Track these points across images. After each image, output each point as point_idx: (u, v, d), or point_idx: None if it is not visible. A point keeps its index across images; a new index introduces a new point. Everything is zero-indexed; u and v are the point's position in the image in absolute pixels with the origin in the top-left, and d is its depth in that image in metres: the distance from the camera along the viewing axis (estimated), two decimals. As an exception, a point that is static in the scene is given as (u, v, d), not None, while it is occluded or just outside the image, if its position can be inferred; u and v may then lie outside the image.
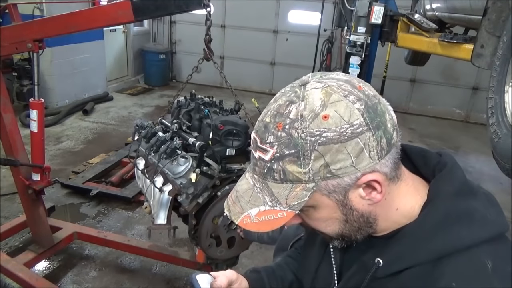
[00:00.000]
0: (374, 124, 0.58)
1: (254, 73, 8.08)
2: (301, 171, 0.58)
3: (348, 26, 4.22)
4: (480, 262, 0.59)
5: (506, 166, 1.98)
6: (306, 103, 0.59)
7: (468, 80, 7.03)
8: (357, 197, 0.63)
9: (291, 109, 0.59)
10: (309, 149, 0.57)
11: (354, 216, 0.65)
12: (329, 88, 0.59)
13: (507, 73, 2.10)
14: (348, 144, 0.57)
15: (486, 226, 0.62)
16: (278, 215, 0.62)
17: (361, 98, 0.59)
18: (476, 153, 5.65)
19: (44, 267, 2.83)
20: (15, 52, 2.25)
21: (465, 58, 2.85)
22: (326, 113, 0.57)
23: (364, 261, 0.70)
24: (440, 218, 0.62)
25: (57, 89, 5.99)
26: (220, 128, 1.88)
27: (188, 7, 1.79)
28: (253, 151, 0.64)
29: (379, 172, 0.60)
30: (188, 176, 1.82)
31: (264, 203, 0.63)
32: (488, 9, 2.40)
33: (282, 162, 0.59)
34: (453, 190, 0.64)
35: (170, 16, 7.67)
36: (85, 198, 3.69)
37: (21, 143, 2.45)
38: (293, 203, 0.61)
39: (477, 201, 0.64)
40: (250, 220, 0.64)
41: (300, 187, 0.60)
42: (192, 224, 1.89)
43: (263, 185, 0.63)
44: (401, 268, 0.63)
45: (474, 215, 0.62)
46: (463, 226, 0.61)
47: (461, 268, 0.59)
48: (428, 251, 0.61)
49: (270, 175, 0.61)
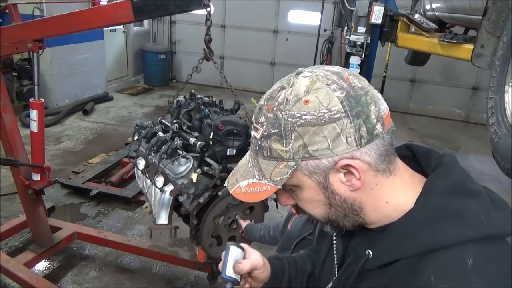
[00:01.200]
0: (353, 113, 0.62)
1: (254, 73, 8.08)
2: (283, 149, 0.64)
3: (348, 26, 4.23)
4: (461, 259, 0.60)
5: (506, 166, 1.98)
6: (293, 89, 0.65)
7: (468, 80, 7.03)
8: (338, 181, 0.66)
9: (280, 93, 0.66)
10: (290, 129, 0.63)
11: (336, 200, 0.68)
12: (315, 77, 0.65)
13: (507, 73, 2.10)
14: (325, 127, 0.62)
15: (476, 226, 0.62)
16: (263, 188, 0.69)
17: (343, 87, 0.63)
18: (476, 153, 5.65)
19: (44, 267, 2.83)
20: (15, 52, 2.25)
21: (465, 58, 2.85)
22: (307, 98, 0.63)
23: (357, 253, 0.73)
24: (429, 214, 0.64)
25: (57, 89, 6.00)
26: (220, 128, 1.88)
27: (188, 7, 1.79)
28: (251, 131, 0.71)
29: (359, 159, 0.64)
30: (189, 176, 1.82)
31: (253, 176, 0.70)
32: (488, 9, 2.40)
33: (269, 140, 0.65)
34: (445, 187, 0.65)
35: (170, 16, 7.67)
36: (85, 198, 3.69)
37: (21, 143, 2.45)
38: (276, 178, 0.67)
39: (474, 201, 0.64)
40: (240, 191, 0.71)
41: (283, 164, 0.66)
42: (193, 224, 1.89)
43: (255, 160, 0.70)
44: (389, 260, 0.65)
45: (465, 214, 0.62)
46: (451, 224, 0.62)
47: (442, 264, 0.60)
48: (415, 245, 0.63)
49: (260, 152, 0.68)
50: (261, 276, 0.90)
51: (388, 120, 0.66)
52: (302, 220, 1.53)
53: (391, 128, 0.66)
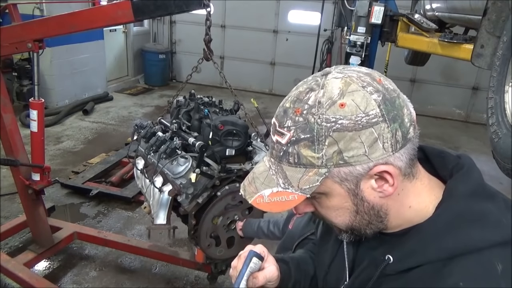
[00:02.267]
0: (390, 116, 0.59)
1: (254, 73, 8.08)
2: (315, 155, 0.60)
3: (348, 26, 4.22)
4: (490, 264, 0.58)
5: (506, 166, 1.98)
6: (325, 91, 0.60)
7: (468, 80, 7.02)
8: (368, 188, 0.63)
9: (310, 95, 0.61)
10: (324, 135, 0.59)
11: (364, 207, 0.65)
12: (349, 78, 0.61)
13: (507, 73, 2.10)
14: (362, 133, 0.58)
15: (500, 229, 0.61)
16: (290, 197, 0.64)
17: (379, 90, 0.60)
18: (476, 153, 5.64)
19: (44, 267, 2.83)
20: (15, 52, 2.25)
21: (465, 58, 2.85)
22: (343, 101, 0.59)
23: (375, 257, 0.70)
24: (453, 218, 0.62)
25: (57, 89, 6.00)
26: (220, 128, 1.88)
27: (188, 7, 1.79)
28: (272, 135, 0.66)
29: (393, 165, 0.61)
30: (188, 176, 1.82)
31: (277, 184, 0.64)
32: (488, 9, 2.40)
33: (298, 146, 0.61)
34: (468, 191, 0.64)
35: (170, 16, 7.67)
36: (85, 198, 3.69)
37: (21, 143, 2.45)
38: (304, 186, 0.62)
39: (493, 204, 0.63)
40: (263, 200, 0.66)
41: (312, 171, 0.61)
42: (192, 224, 1.89)
43: (278, 167, 0.65)
44: (411, 265, 0.63)
45: (489, 218, 0.61)
46: (476, 228, 0.60)
47: (470, 269, 0.59)
48: (439, 250, 0.61)
49: (285, 158, 0.63)
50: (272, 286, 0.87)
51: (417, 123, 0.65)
52: (304, 220, 1.52)
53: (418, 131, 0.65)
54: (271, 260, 0.85)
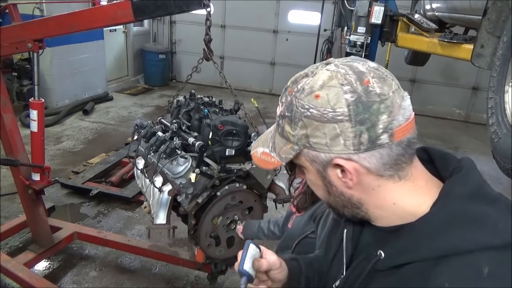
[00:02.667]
0: (358, 118, 0.62)
1: (254, 73, 8.08)
2: (292, 133, 0.69)
3: (348, 26, 4.23)
4: (477, 266, 0.58)
5: (506, 166, 1.98)
6: (312, 80, 0.67)
7: (468, 80, 7.03)
8: (334, 175, 0.69)
9: (302, 80, 0.68)
10: (298, 118, 0.67)
11: (334, 191, 0.72)
12: (335, 73, 0.65)
13: (507, 73, 2.10)
14: (326, 126, 0.64)
15: (494, 233, 0.60)
16: (272, 160, 0.74)
17: (356, 91, 0.62)
18: (476, 153, 5.64)
19: (44, 267, 2.83)
20: (15, 52, 2.25)
21: (465, 58, 2.85)
22: (318, 93, 0.64)
23: (369, 252, 0.73)
24: (447, 218, 0.63)
25: (57, 89, 6.00)
26: (219, 128, 1.88)
27: (188, 7, 1.79)
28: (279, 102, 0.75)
29: (357, 163, 0.65)
30: (188, 176, 1.82)
31: (268, 146, 0.75)
32: (488, 9, 2.40)
33: (283, 120, 0.70)
34: (465, 192, 0.64)
35: (170, 16, 7.67)
36: (85, 198, 3.69)
37: (21, 143, 2.45)
38: (282, 155, 0.72)
39: (493, 208, 0.63)
40: (256, 155, 0.78)
41: (289, 145, 0.70)
42: (192, 224, 1.89)
43: (274, 133, 0.75)
44: (402, 262, 0.65)
45: (484, 221, 0.61)
46: (469, 230, 0.61)
47: (457, 270, 0.59)
48: (430, 248, 0.62)
49: (278, 128, 0.73)
50: (278, 276, 0.90)
51: (402, 132, 0.64)
52: (304, 219, 1.51)
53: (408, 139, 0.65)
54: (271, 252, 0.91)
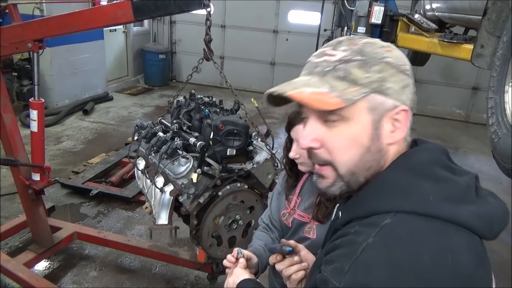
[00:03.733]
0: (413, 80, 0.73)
1: (254, 73, 8.08)
2: (363, 75, 0.68)
3: (348, 26, 4.23)
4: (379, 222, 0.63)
5: (506, 166, 1.98)
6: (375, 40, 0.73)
7: (468, 80, 7.03)
8: (386, 126, 0.70)
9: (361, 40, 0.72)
10: (375, 62, 0.68)
11: (375, 147, 0.70)
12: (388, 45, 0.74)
13: (507, 73, 2.10)
14: (400, 75, 0.70)
15: (417, 202, 0.63)
16: (330, 100, 0.65)
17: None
18: (476, 153, 5.65)
19: (44, 267, 2.83)
20: (15, 52, 2.25)
21: (465, 58, 2.85)
22: (389, 49, 0.72)
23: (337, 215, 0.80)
24: (381, 186, 0.68)
25: (57, 89, 5.99)
26: (221, 128, 1.88)
27: (188, 7, 1.79)
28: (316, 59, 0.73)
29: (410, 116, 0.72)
30: (189, 176, 1.82)
31: (319, 87, 0.67)
32: (488, 9, 2.40)
33: (349, 64, 0.68)
34: (404, 165, 0.69)
35: (170, 16, 7.67)
36: (85, 198, 3.69)
37: (21, 143, 2.45)
38: (346, 96, 0.66)
39: (430, 184, 0.65)
40: (302, 95, 0.67)
41: (355, 88, 0.67)
42: (194, 224, 1.89)
43: (321, 79, 0.69)
44: (346, 220, 0.72)
45: (412, 191, 0.64)
46: (395, 196, 0.65)
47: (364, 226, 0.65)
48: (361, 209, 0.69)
49: (332, 73, 0.69)
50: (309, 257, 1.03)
51: None
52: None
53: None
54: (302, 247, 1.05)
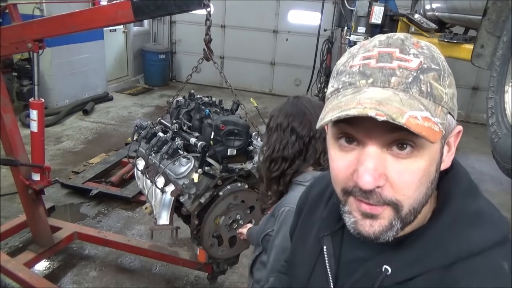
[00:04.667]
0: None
1: (254, 73, 8.07)
2: (443, 90, 0.52)
3: (348, 26, 4.23)
4: (496, 264, 0.55)
5: (506, 166, 1.98)
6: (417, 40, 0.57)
7: (468, 80, 7.02)
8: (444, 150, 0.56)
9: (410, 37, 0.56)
10: (447, 72, 0.53)
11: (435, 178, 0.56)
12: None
13: (507, 73, 2.10)
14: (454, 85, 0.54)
15: (495, 227, 0.58)
16: (435, 128, 0.49)
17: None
18: (476, 153, 5.64)
19: (44, 267, 2.83)
20: (15, 52, 2.25)
21: (465, 58, 2.85)
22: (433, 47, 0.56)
23: (369, 270, 0.63)
24: (453, 221, 0.58)
25: (57, 89, 5.99)
26: (221, 128, 1.88)
27: (188, 7, 1.79)
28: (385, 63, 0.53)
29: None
30: (190, 176, 1.82)
31: (422, 110, 0.49)
32: (488, 9, 2.40)
33: (427, 75, 0.51)
34: (462, 190, 0.61)
35: (170, 16, 7.67)
36: (85, 198, 3.69)
37: (21, 143, 2.45)
38: (442, 121, 0.50)
39: (482, 200, 0.61)
40: (418, 122, 0.48)
41: (440, 107, 0.51)
42: (195, 224, 1.89)
43: (408, 95, 0.50)
44: (412, 275, 0.58)
45: (484, 216, 0.59)
46: (475, 229, 0.57)
47: (478, 271, 0.55)
48: (441, 256, 0.56)
49: (417, 86, 0.51)
50: None
51: None
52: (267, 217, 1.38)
53: None
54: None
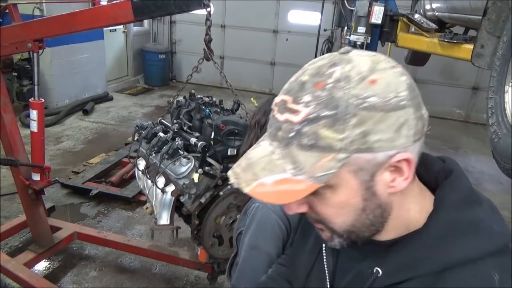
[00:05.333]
0: (415, 102, 0.55)
1: (254, 73, 8.08)
2: (336, 137, 0.52)
3: (348, 26, 4.23)
4: (486, 275, 0.56)
5: (506, 166, 1.98)
6: (353, 66, 0.54)
7: (468, 80, 7.03)
8: (382, 181, 0.57)
9: (335, 69, 0.54)
10: (351, 113, 0.52)
11: (372, 205, 0.58)
12: (376, 57, 0.56)
13: (507, 73, 2.10)
14: (391, 115, 0.52)
15: (492, 238, 0.58)
16: (298, 186, 0.54)
17: (405, 73, 0.56)
18: (476, 153, 5.65)
19: (44, 267, 2.83)
20: (15, 52, 2.25)
21: (465, 58, 2.85)
22: (374, 78, 0.53)
23: (362, 270, 0.65)
24: (445, 229, 0.59)
25: (57, 89, 5.99)
26: (221, 128, 1.88)
27: (188, 7, 1.79)
28: (278, 114, 0.57)
29: (412, 156, 0.56)
30: (191, 176, 1.82)
31: (284, 170, 0.54)
32: (488, 9, 2.40)
33: (316, 125, 0.53)
34: (459, 199, 0.61)
35: (170, 16, 7.67)
36: (85, 198, 3.69)
37: (21, 143, 2.45)
38: (318, 174, 0.53)
39: (482, 210, 0.61)
40: (264, 189, 0.54)
41: (329, 156, 0.53)
42: (195, 224, 1.89)
43: (284, 151, 0.55)
44: (401, 279, 0.59)
45: (481, 226, 0.59)
46: (469, 238, 0.58)
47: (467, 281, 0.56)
48: (431, 262, 0.57)
49: (297, 141, 0.54)
50: None
51: None
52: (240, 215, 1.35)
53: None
54: None
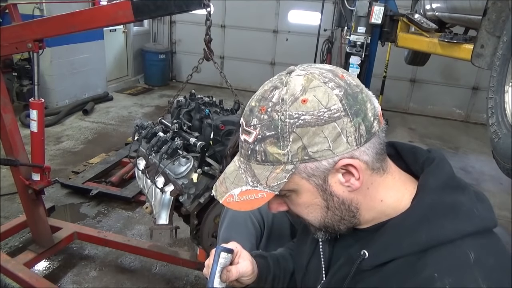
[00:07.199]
0: (352, 111, 0.61)
1: (254, 73, 8.08)
2: (281, 152, 0.62)
3: (348, 26, 4.24)
4: (463, 254, 0.60)
5: (506, 166, 1.98)
6: (288, 88, 0.62)
7: (468, 80, 7.03)
8: (336, 182, 0.65)
9: (274, 93, 0.63)
10: (288, 131, 0.60)
11: (334, 202, 0.67)
12: (311, 75, 0.63)
13: (507, 73, 2.10)
14: (325, 127, 0.60)
15: (471, 220, 0.63)
16: (259, 195, 0.65)
17: (341, 85, 0.62)
18: (476, 153, 5.64)
19: (44, 267, 2.83)
20: (15, 52, 2.25)
21: (465, 58, 2.85)
22: (305, 97, 0.61)
23: (351, 254, 0.72)
24: (425, 211, 0.64)
25: (57, 89, 5.99)
26: (221, 128, 1.88)
27: (188, 7, 1.79)
28: (240, 134, 0.68)
29: (358, 159, 0.63)
30: (190, 176, 1.82)
31: (246, 183, 0.66)
32: (488, 9, 2.40)
33: (264, 143, 0.62)
34: (439, 183, 0.66)
35: (170, 16, 7.67)
36: (85, 198, 3.69)
37: (21, 143, 2.45)
38: (272, 184, 0.64)
39: (464, 195, 0.65)
40: (233, 199, 0.67)
41: (279, 168, 0.63)
42: (194, 224, 1.89)
43: (247, 166, 0.66)
44: (386, 259, 0.65)
45: (460, 209, 0.63)
46: (448, 219, 0.62)
47: (444, 259, 0.60)
48: (412, 243, 0.63)
49: (253, 157, 0.64)
50: (248, 281, 0.89)
51: (381, 117, 0.66)
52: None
53: (384, 126, 0.66)
54: (245, 256, 0.88)
